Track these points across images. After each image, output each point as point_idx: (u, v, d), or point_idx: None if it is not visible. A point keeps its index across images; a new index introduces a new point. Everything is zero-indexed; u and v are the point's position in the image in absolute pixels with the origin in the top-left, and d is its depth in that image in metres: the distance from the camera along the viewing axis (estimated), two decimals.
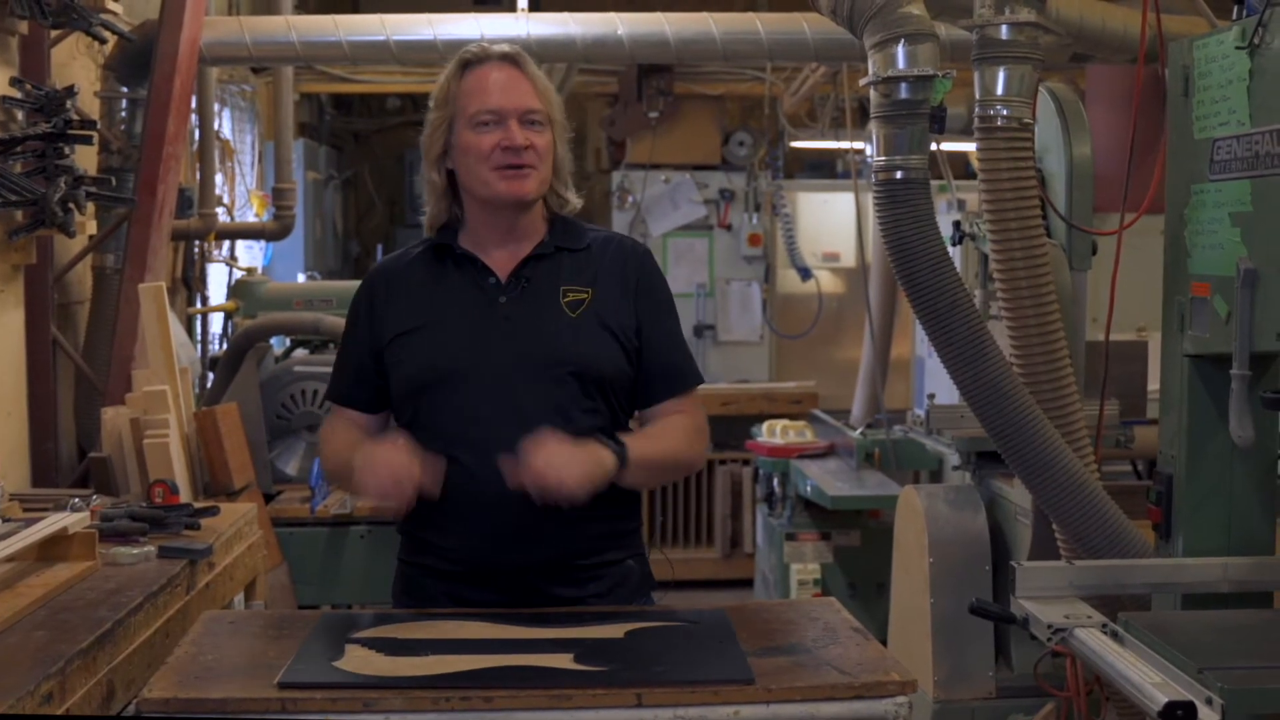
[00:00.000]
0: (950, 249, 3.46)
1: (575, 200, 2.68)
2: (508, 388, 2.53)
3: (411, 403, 2.60)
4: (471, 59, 2.61)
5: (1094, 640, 2.55)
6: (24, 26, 4.11)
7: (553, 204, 2.66)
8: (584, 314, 2.59)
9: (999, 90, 3.33)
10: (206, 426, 4.23)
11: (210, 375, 5.71)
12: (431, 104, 2.64)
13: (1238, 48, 2.69)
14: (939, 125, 3.33)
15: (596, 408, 2.57)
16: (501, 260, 2.63)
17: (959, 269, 3.40)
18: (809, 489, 5.92)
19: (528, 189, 2.57)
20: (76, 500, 3.16)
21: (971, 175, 3.54)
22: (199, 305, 6.42)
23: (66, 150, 3.97)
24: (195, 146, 6.18)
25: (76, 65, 4.84)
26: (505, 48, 2.63)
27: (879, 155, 3.35)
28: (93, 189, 4.12)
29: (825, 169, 9.25)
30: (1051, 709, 3.66)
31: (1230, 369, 2.71)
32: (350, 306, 2.73)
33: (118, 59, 4.95)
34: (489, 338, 2.56)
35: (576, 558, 2.59)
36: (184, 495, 3.72)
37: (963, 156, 7.50)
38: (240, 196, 7.28)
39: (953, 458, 4.58)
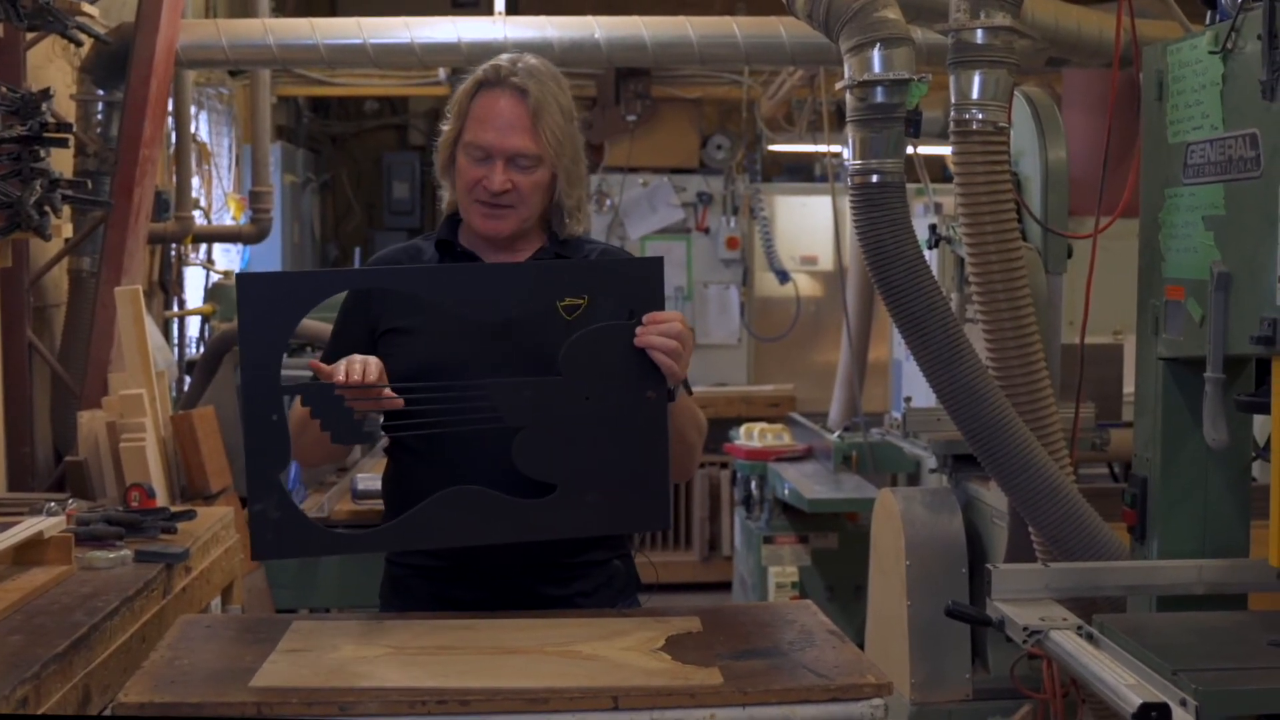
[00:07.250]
0: (926, 252, 3.47)
1: (576, 229, 2.70)
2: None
3: (403, 397, 2.59)
4: (486, 80, 2.62)
5: (1069, 642, 2.56)
6: None
7: (553, 223, 2.70)
8: (578, 319, 2.60)
9: (974, 94, 3.33)
10: (183, 430, 4.22)
11: (187, 379, 5.69)
12: (447, 111, 2.67)
13: (1211, 52, 2.70)
14: (914, 129, 3.34)
15: None
16: (501, 262, 2.67)
17: (935, 272, 3.41)
18: (787, 492, 5.93)
19: (503, 229, 2.64)
20: (52, 504, 3.15)
21: (948, 178, 3.54)
22: (176, 309, 6.40)
23: (42, 153, 3.94)
24: (172, 149, 6.16)
25: (52, 68, 4.83)
26: (522, 77, 2.60)
27: (855, 159, 3.35)
28: (69, 192, 4.09)
29: (803, 172, 9.25)
30: (1028, 711, 3.67)
31: (1204, 372, 2.72)
32: (349, 293, 2.71)
33: (94, 61, 4.93)
34: (483, 336, 2.57)
35: (562, 555, 2.62)
36: (161, 499, 3.71)
37: (939, 160, 7.52)
38: (217, 199, 7.26)
39: (929, 461, 4.59)
